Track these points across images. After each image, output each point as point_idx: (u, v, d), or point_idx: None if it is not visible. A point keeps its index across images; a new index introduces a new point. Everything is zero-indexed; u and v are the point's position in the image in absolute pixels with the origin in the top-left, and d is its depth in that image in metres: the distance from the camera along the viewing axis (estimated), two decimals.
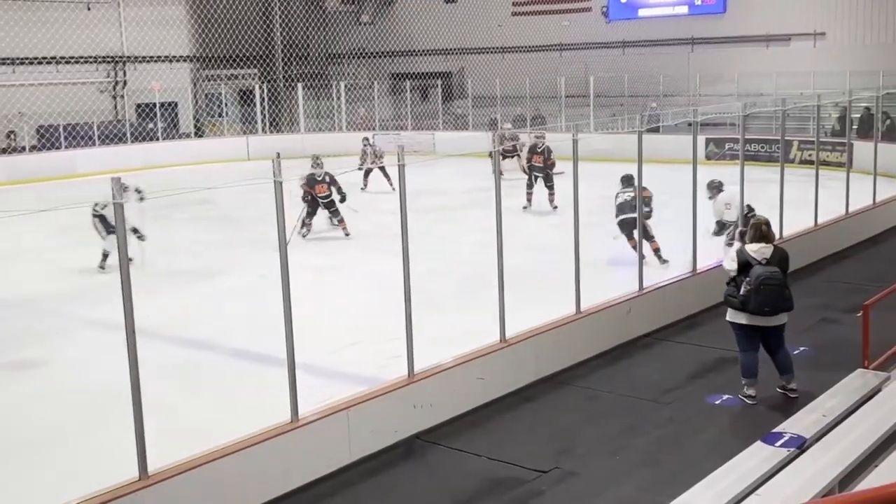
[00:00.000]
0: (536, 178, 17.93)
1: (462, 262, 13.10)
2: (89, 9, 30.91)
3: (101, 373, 8.66)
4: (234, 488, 6.02)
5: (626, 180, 12.60)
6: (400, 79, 33.14)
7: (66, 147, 27.57)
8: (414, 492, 6.52)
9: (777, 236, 8.73)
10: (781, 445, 6.59)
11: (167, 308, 10.86)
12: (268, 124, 32.20)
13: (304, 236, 15.55)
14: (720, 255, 11.05)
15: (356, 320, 10.50)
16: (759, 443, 6.69)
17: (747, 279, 7.47)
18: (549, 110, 30.09)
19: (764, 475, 6.09)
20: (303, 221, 15.65)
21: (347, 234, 15.73)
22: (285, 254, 6.32)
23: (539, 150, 17.67)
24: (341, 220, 15.84)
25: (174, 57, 33.55)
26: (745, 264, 7.56)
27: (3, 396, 8.53)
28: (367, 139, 22.56)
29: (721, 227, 11.98)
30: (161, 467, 5.64)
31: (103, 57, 31.86)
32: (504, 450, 6.98)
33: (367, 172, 20.41)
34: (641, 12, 31.18)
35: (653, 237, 12.39)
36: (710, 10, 29.81)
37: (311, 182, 15.46)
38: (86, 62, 31.17)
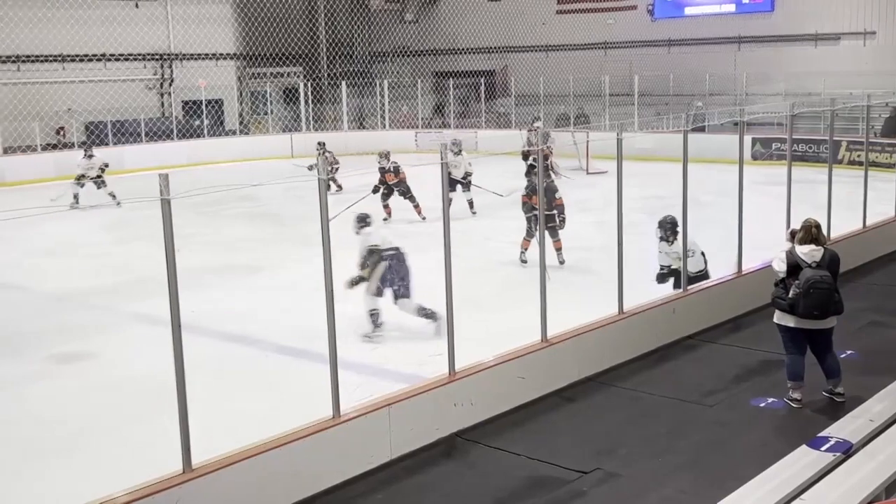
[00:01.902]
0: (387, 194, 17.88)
1: (503, 261, 13.07)
2: (137, 6, 31.35)
3: (147, 366, 8.76)
4: (276, 483, 6.06)
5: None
6: (443, 77, 33.16)
7: (113, 143, 27.97)
8: (454, 490, 6.51)
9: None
10: (827, 450, 6.51)
11: (211, 303, 10.97)
12: (311, 122, 32.39)
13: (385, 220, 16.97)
14: (765, 256, 10.92)
15: (397, 317, 10.51)
16: (804, 447, 6.61)
17: (797, 282, 7.36)
18: (592, 109, 29.93)
19: (808, 480, 6.02)
20: (383, 206, 17.33)
21: (423, 218, 16.90)
22: (328, 250, 6.34)
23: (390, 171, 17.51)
24: (417, 205, 17.33)
25: (220, 55, 33.90)
26: (794, 266, 7.45)
27: (51, 388, 8.67)
28: (321, 144, 21.86)
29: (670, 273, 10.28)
30: (205, 461, 5.69)
31: (151, 54, 32.29)
32: (545, 449, 6.95)
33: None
34: (688, 10, 30.90)
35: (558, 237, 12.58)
36: (759, 9, 29.46)
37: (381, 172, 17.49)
38: (134, 59, 31.62)
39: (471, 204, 18.03)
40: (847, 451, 6.47)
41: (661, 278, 10.23)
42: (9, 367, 8.85)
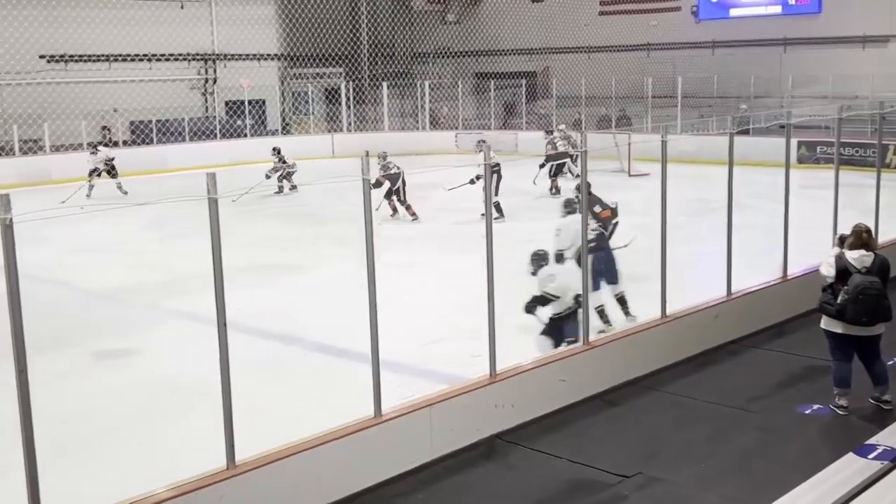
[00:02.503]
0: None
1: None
2: (182, 7, 31.70)
3: (188, 363, 8.86)
4: (317, 480, 6.08)
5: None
6: (484, 78, 33.15)
7: (157, 142, 28.32)
8: (494, 492, 6.49)
9: None
10: (874, 458, 6.42)
11: (253, 301, 11.05)
12: (353, 122, 32.53)
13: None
14: (810, 261, 10.78)
15: (438, 318, 10.53)
16: (850, 455, 6.52)
17: (845, 287, 7.25)
18: (635, 111, 29.74)
19: (855, 488, 5.94)
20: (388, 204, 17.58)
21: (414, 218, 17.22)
22: (372, 250, 6.35)
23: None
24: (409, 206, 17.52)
25: (263, 55, 34.18)
26: (843, 271, 7.34)
27: (95, 384, 8.78)
28: (276, 149, 22.07)
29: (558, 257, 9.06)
30: (248, 458, 5.73)
31: (195, 55, 32.64)
32: (586, 453, 6.91)
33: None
34: (733, 12, 30.59)
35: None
36: (805, 10, 29.09)
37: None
38: (178, 60, 31.98)
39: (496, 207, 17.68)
40: (895, 459, 6.36)
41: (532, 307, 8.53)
42: (52, 362, 8.97)
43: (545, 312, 8.37)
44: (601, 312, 9.48)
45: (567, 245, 8.79)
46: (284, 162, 21.83)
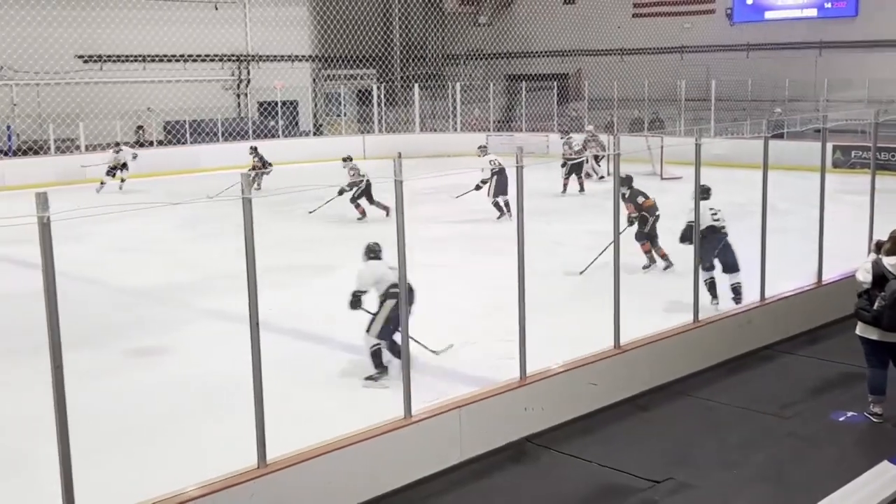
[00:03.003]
0: None
1: (576, 265, 12.97)
2: (216, 8, 31.93)
3: (221, 362, 8.91)
4: (347, 480, 6.10)
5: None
6: (515, 80, 33.09)
7: (191, 142, 28.54)
8: (524, 495, 6.47)
9: None
10: None
11: (283, 301, 11.10)
12: (384, 124, 32.61)
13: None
14: (844, 266, 10.66)
15: (468, 320, 10.52)
16: (885, 463, 6.44)
17: (882, 294, 7.16)
18: (667, 114, 29.56)
19: (890, 497, 5.87)
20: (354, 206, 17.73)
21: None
22: (403, 251, 6.36)
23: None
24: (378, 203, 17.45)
25: (296, 56, 34.37)
26: (880, 277, 7.24)
27: (126, 382, 8.84)
28: (254, 148, 21.70)
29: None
30: (278, 456, 5.75)
31: (228, 56, 32.88)
32: (616, 457, 6.88)
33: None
34: (768, 14, 30.31)
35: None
36: (841, 13, 28.77)
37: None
38: (212, 60, 32.23)
39: (495, 206, 17.68)
40: None
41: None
42: (86, 360, 9.05)
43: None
44: (711, 285, 10.45)
45: (365, 289, 8.88)
46: (264, 164, 21.64)
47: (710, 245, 10.31)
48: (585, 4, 33.21)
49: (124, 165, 22.95)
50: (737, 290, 10.49)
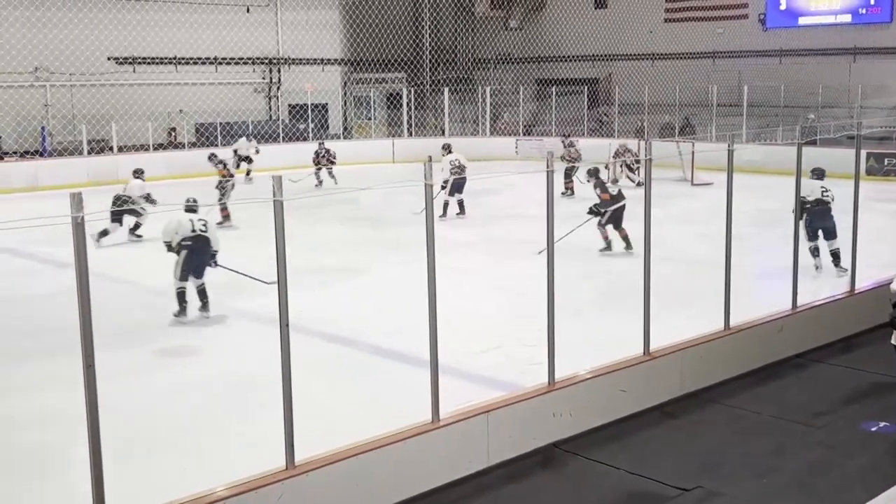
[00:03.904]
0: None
1: (605, 270, 12.93)
2: (248, 11, 32.14)
3: (249, 363, 8.95)
4: (375, 483, 6.11)
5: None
6: (545, 84, 33.02)
7: (222, 144, 28.71)
8: (551, 501, 6.45)
9: None
10: None
11: (313, 303, 11.13)
12: (413, 128, 32.66)
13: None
14: (878, 275, 10.55)
15: (496, 324, 10.50)
16: None
17: None
18: (699, 119, 29.37)
19: None
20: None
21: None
22: (433, 254, 6.36)
23: None
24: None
25: (327, 60, 34.54)
26: None
27: (157, 382, 8.90)
28: (213, 155, 19.38)
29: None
30: (307, 458, 5.77)
31: (260, 58, 33.08)
32: (645, 465, 6.83)
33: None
34: (802, 20, 30.03)
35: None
36: (876, 19, 28.45)
37: None
38: (243, 63, 32.45)
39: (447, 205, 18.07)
40: None
41: None
42: (117, 358, 9.12)
43: None
44: (814, 251, 12.45)
45: (168, 239, 11.04)
46: (228, 174, 18.93)
47: (818, 216, 12.23)
48: (617, 9, 33.09)
49: (248, 158, 24.05)
50: (836, 255, 12.19)
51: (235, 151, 24.56)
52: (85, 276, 4.73)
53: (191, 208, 11.08)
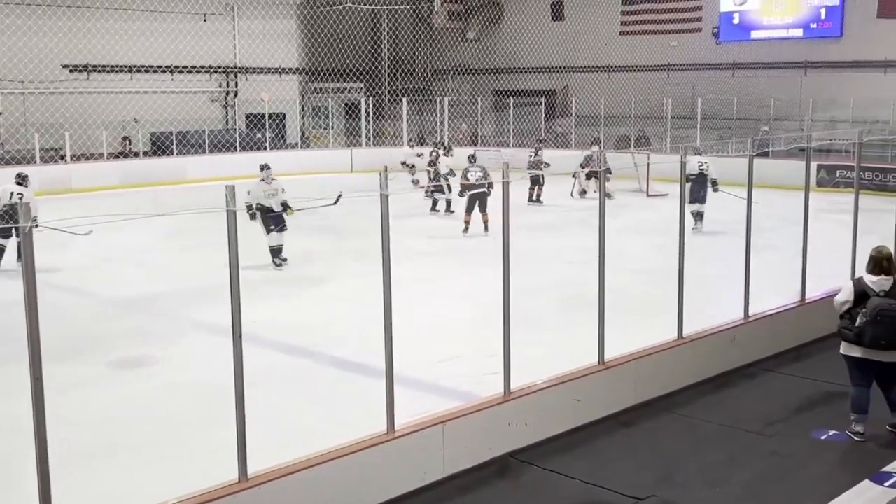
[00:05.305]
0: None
1: (562, 281, 13.00)
2: (205, 20, 31.92)
3: (206, 374, 8.87)
4: (329, 495, 6.07)
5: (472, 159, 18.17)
6: (503, 95, 33.20)
7: (177, 153, 28.48)
8: None
9: None
10: (891, 486, 6.37)
11: (269, 314, 11.07)
12: (372, 137, 32.65)
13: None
14: (828, 285, 10.73)
15: (454, 335, 10.51)
16: (866, 481, 6.47)
17: (863, 310, 7.21)
18: (654, 131, 29.72)
19: None
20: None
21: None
22: (388, 264, 6.35)
23: None
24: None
25: (284, 69, 34.40)
26: (861, 294, 7.30)
27: (110, 393, 8.79)
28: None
29: None
30: (260, 471, 5.72)
31: (216, 67, 32.86)
32: (600, 474, 6.87)
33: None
34: (754, 34, 30.51)
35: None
36: (827, 34, 28.99)
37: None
38: (199, 72, 32.20)
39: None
40: None
41: None
42: (71, 370, 9.00)
43: None
44: (695, 214, 16.73)
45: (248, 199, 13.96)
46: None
47: (697, 184, 16.46)
48: (573, 21, 33.39)
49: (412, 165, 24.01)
50: (700, 215, 16.77)
51: (404, 162, 24.27)
52: (33, 287, 4.65)
53: (19, 182, 14.59)
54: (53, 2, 27.97)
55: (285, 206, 14.36)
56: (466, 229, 17.64)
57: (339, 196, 11.16)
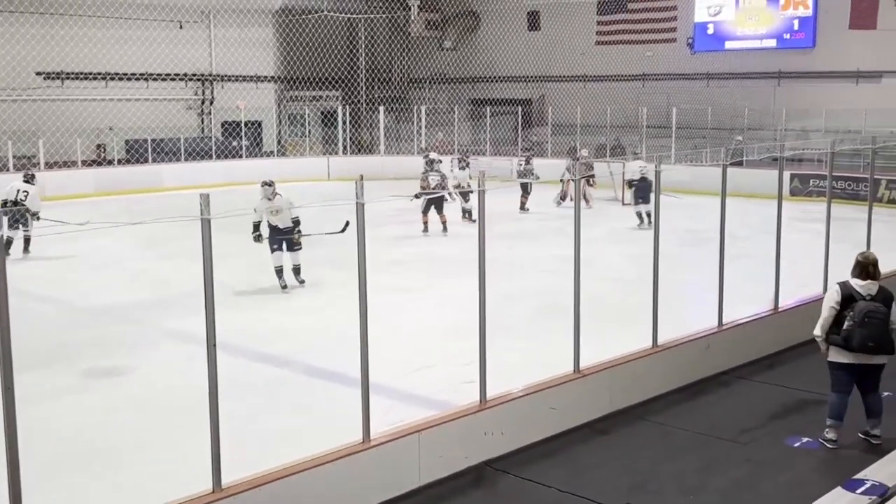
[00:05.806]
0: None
1: (539, 289, 13.03)
2: (181, 27, 31.79)
3: (181, 383, 8.81)
4: None
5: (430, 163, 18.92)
6: (480, 104, 33.28)
7: (153, 161, 28.31)
8: None
9: None
10: (863, 493, 6.41)
11: (245, 323, 11.02)
12: (349, 145, 32.61)
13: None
14: (801, 293, 10.82)
15: (431, 343, 10.51)
16: (839, 489, 6.51)
17: (851, 313, 7.28)
18: (629, 140, 29.89)
19: None
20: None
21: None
22: (364, 273, 6.34)
23: None
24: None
25: (260, 77, 34.31)
26: (848, 298, 7.37)
27: (82, 403, 8.71)
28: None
29: None
30: (234, 481, 5.68)
31: (192, 75, 32.72)
32: (575, 482, 6.88)
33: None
34: (728, 44, 30.76)
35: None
36: (800, 45, 29.28)
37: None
38: (175, 80, 32.03)
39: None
40: (883, 494, 6.35)
41: None
42: (42, 380, 8.91)
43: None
44: (639, 214, 18.86)
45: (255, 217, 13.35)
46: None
47: (640, 189, 18.50)
48: (550, 31, 33.56)
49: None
50: (648, 215, 17.58)
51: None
52: (4, 295, 4.61)
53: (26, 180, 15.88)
54: (27, 9, 27.75)
55: (296, 223, 13.41)
56: (426, 229, 18.52)
57: (347, 224, 11.10)
